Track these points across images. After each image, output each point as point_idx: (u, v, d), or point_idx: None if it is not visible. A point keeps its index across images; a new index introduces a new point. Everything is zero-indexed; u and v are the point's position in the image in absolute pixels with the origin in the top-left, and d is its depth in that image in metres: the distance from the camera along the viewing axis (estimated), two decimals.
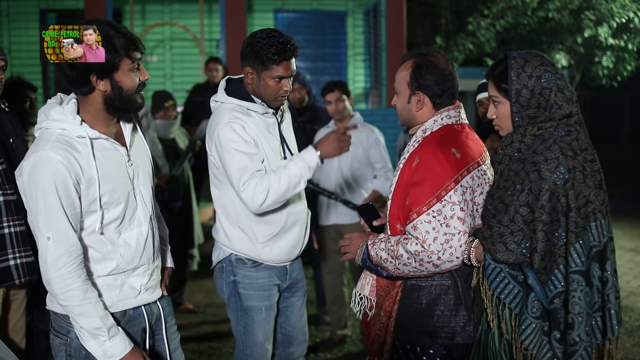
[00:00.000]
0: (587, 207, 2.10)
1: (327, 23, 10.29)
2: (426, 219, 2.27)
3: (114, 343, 2.14)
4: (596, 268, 2.12)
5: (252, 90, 2.88)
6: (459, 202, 2.27)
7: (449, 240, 2.26)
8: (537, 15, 11.04)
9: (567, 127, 2.17)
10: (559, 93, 2.18)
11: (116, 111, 2.22)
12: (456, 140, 2.38)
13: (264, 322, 2.97)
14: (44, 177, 2.04)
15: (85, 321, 2.10)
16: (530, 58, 2.22)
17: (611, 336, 2.16)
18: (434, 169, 2.30)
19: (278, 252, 2.94)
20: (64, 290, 2.08)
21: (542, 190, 2.09)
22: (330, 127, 4.99)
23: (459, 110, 2.48)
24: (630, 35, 10.64)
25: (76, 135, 2.12)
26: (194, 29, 9.31)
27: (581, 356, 2.09)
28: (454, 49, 12.37)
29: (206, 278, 6.33)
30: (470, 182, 2.32)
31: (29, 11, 9.34)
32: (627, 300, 6.17)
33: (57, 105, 2.16)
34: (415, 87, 2.46)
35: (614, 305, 2.14)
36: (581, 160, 2.12)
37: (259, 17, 9.98)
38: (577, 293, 2.08)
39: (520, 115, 2.21)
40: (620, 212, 12.04)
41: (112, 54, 2.11)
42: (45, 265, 2.08)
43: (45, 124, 2.13)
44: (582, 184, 2.10)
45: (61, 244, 2.07)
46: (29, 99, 3.91)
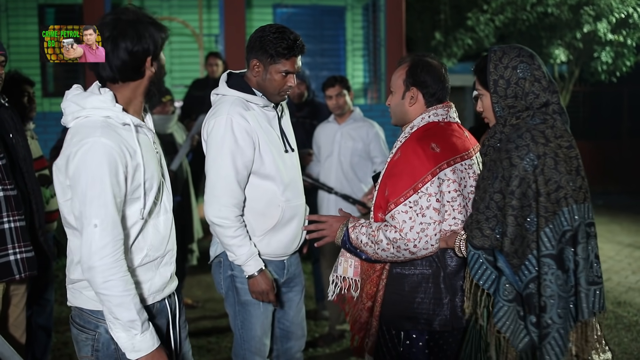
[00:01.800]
0: (559, 193, 2.15)
1: (326, 18, 10.28)
2: (403, 209, 2.43)
3: (144, 338, 2.13)
4: (570, 252, 2.16)
5: (255, 83, 2.89)
6: (435, 194, 2.42)
7: (425, 229, 2.41)
8: (536, 10, 11.02)
9: (544, 116, 2.24)
10: (536, 83, 2.24)
11: (151, 93, 2.27)
12: (438, 136, 2.51)
13: (262, 316, 2.98)
14: (98, 164, 2.04)
15: (123, 313, 2.09)
16: (508, 50, 2.30)
17: (581, 319, 2.18)
18: (412, 162, 2.46)
19: (276, 246, 2.95)
20: (106, 280, 2.06)
21: (512, 177, 2.16)
22: (330, 121, 4.99)
23: (447, 109, 2.62)
24: (630, 30, 10.62)
25: (121, 123, 2.14)
26: (192, 24, 9.30)
27: (553, 338, 2.12)
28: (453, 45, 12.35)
29: (205, 273, 6.34)
30: (451, 175, 2.45)
31: (27, 6, 9.33)
32: (625, 296, 6.19)
33: (94, 95, 2.15)
34: (410, 84, 2.62)
35: (584, 289, 2.16)
36: (554, 147, 2.17)
37: (258, 12, 9.97)
38: (548, 276, 2.12)
39: (499, 105, 2.28)
40: (618, 207, 12.06)
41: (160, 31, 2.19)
42: (89, 253, 2.06)
43: (85, 113, 2.12)
44: (553, 170, 2.15)
45: (108, 232, 2.06)
46: (27, 94, 3.90)
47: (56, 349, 4.68)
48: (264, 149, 2.83)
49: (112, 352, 2.22)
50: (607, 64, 11.09)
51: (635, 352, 4.69)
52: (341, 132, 4.88)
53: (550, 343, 2.14)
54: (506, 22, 11.44)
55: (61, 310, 5.53)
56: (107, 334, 2.20)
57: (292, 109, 5.64)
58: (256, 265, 2.85)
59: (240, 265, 2.86)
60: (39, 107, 8.77)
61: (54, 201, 3.83)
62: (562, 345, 2.14)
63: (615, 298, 6.08)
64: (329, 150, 4.90)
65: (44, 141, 8.43)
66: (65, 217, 2.21)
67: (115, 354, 2.22)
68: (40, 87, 9.01)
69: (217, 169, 2.78)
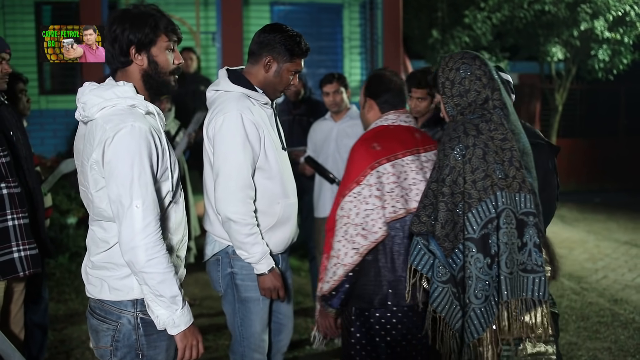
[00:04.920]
0: (485, 181, 2.28)
1: (323, 15, 10.26)
2: (349, 199, 2.79)
3: (183, 313, 2.21)
4: (495, 239, 2.27)
5: (261, 80, 2.92)
6: (375, 184, 2.76)
7: (370, 214, 2.74)
8: (533, 8, 11.01)
9: (482, 111, 2.41)
10: (477, 80, 2.44)
11: (152, 89, 2.32)
12: (381, 137, 2.88)
13: (261, 312, 3.00)
14: (137, 147, 2.12)
15: (167, 289, 2.15)
16: (453, 55, 2.52)
17: (500, 300, 2.29)
18: (356, 160, 2.84)
19: (275, 242, 2.96)
20: (150, 257, 2.12)
21: (444, 166, 2.36)
22: (326, 119, 4.99)
23: (398, 115, 2.95)
24: (626, 28, 10.62)
25: (144, 110, 2.23)
26: (189, 22, 9.28)
27: (470, 317, 2.27)
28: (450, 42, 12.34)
29: (202, 271, 6.30)
30: (390, 169, 2.78)
31: (24, 3, 9.30)
32: (622, 293, 6.20)
33: (116, 86, 2.23)
34: (366, 95, 3.03)
35: (504, 272, 2.26)
36: (485, 139, 2.33)
37: (255, 9, 9.95)
38: (468, 258, 2.27)
39: (449, 105, 2.49)
40: (615, 205, 12.08)
41: (151, 28, 2.24)
42: (132, 233, 2.11)
43: (112, 102, 2.18)
44: (481, 160, 2.30)
45: (150, 212, 2.13)
46: (23, 92, 3.89)
47: (52, 347, 4.67)
48: (268, 145, 2.86)
49: (132, 342, 2.27)
50: (604, 62, 11.10)
51: (632, 350, 4.70)
52: (337, 130, 4.88)
53: (467, 321, 2.28)
54: (503, 19, 11.43)
55: (57, 308, 5.53)
56: (129, 325, 2.26)
57: (289, 106, 5.65)
58: (268, 263, 2.88)
59: (253, 263, 2.87)
60: (36, 104, 8.77)
61: (48, 198, 3.83)
62: (479, 324, 2.26)
63: (612, 295, 6.10)
64: (325, 147, 4.90)
65: (40, 138, 8.44)
66: (98, 207, 2.24)
67: (136, 344, 2.26)
68: (37, 85, 8.99)
69: (232, 165, 2.77)
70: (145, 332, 2.28)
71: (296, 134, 5.45)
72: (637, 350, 4.70)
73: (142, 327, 2.27)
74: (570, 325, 5.24)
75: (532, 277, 2.30)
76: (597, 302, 5.88)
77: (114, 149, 2.12)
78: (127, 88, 2.22)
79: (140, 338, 2.27)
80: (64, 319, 5.33)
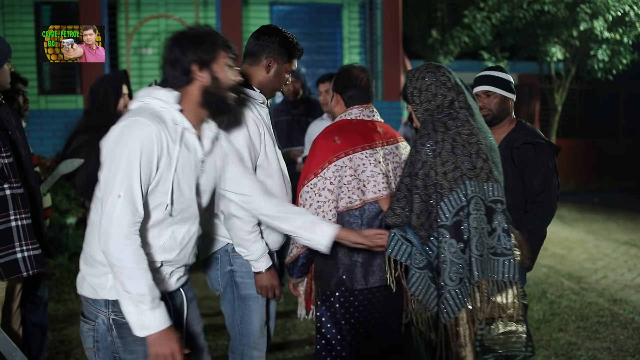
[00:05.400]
0: (455, 172, 2.45)
1: (322, 16, 10.26)
2: (306, 190, 2.97)
3: (154, 315, 2.13)
4: (466, 224, 2.43)
5: (260, 80, 2.96)
6: (330, 178, 2.93)
7: (322, 206, 2.92)
8: (532, 8, 11.03)
9: (449, 111, 2.60)
10: (442, 86, 2.63)
11: (210, 106, 2.34)
12: (342, 131, 3.02)
13: (260, 309, 3.01)
14: (133, 139, 2.14)
15: (133, 285, 2.11)
16: (420, 67, 2.72)
17: (472, 281, 2.44)
18: (316, 152, 3.01)
19: (272, 240, 2.99)
20: (120, 249, 2.10)
21: (416, 160, 2.52)
22: (323, 119, 5.00)
23: (362, 110, 3.09)
24: (626, 28, 10.64)
25: (171, 119, 2.25)
26: (189, 22, 9.26)
27: (445, 298, 2.41)
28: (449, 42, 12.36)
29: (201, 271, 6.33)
30: (348, 162, 2.94)
31: (23, 3, 9.30)
32: (621, 293, 6.20)
33: (162, 89, 2.28)
34: (333, 90, 3.19)
35: (474, 255, 2.41)
36: (452, 134, 2.51)
37: (254, 9, 9.96)
38: (442, 244, 2.43)
39: (419, 112, 2.67)
40: (615, 205, 12.09)
41: (211, 45, 2.29)
42: (109, 220, 2.11)
43: (147, 100, 2.26)
44: (450, 153, 2.47)
45: (129, 204, 2.13)
46: (21, 92, 3.88)
47: (52, 347, 4.67)
48: (268, 143, 2.91)
49: (108, 344, 2.24)
50: (604, 62, 11.11)
51: (631, 350, 4.70)
52: None
53: (443, 302, 2.42)
54: (503, 19, 11.45)
55: (57, 309, 5.53)
56: (103, 325, 2.24)
57: (287, 106, 5.66)
58: (267, 262, 2.90)
59: (251, 261, 2.89)
60: (35, 104, 8.76)
61: (47, 198, 3.82)
62: (454, 305, 2.41)
63: (612, 295, 6.10)
64: None
65: (39, 138, 8.44)
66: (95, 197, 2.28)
67: (112, 346, 2.24)
68: (36, 85, 8.99)
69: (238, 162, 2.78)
70: (119, 335, 2.25)
71: (294, 134, 5.46)
72: (636, 350, 4.70)
73: (115, 329, 2.26)
74: (569, 325, 5.24)
75: (502, 260, 2.45)
76: (596, 302, 5.88)
77: (113, 137, 2.17)
78: (169, 93, 2.27)
79: (115, 340, 2.25)
80: (64, 319, 5.33)
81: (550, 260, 7.60)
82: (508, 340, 2.52)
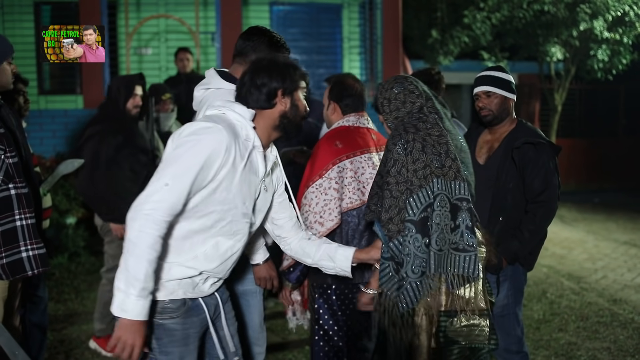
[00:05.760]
0: (425, 170, 2.57)
1: (322, 16, 10.27)
2: (312, 190, 3.14)
3: (137, 303, 2.13)
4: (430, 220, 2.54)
5: None
6: (334, 178, 3.13)
7: (328, 204, 3.11)
8: (532, 8, 11.02)
9: (419, 115, 2.73)
10: (410, 94, 2.75)
11: (283, 131, 2.46)
12: (343, 136, 3.23)
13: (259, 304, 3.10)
14: (206, 142, 2.20)
15: (134, 266, 2.12)
16: (389, 79, 2.86)
17: (428, 273, 2.54)
18: (320, 155, 3.19)
19: None
20: (141, 229, 2.12)
21: (388, 159, 2.64)
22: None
23: (358, 117, 3.32)
24: (626, 28, 10.63)
25: (245, 134, 2.34)
26: (189, 22, 9.28)
27: (406, 289, 2.53)
28: (449, 42, 12.35)
29: None
30: (349, 165, 3.15)
31: (23, 3, 9.30)
32: (621, 293, 6.20)
33: (241, 105, 2.39)
34: (330, 98, 3.36)
35: (434, 248, 2.52)
36: (422, 135, 2.63)
37: (254, 9, 9.96)
38: (407, 238, 2.53)
39: (389, 120, 2.80)
40: (614, 205, 12.09)
41: (294, 73, 2.44)
42: (145, 200, 2.15)
43: (225, 110, 2.35)
44: (420, 152, 2.59)
45: (172, 196, 2.16)
46: (22, 93, 3.89)
47: (52, 347, 4.67)
48: None
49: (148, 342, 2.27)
50: (604, 62, 11.11)
51: (631, 350, 4.70)
52: None
53: (403, 293, 2.54)
54: (502, 19, 11.44)
55: (57, 309, 5.53)
56: None
57: None
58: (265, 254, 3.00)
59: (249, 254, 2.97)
60: (35, 104, 8.76)
61: (47, 199, 3.83)
62: (413, 296, 2.54)
63: (611, 295, 6.10)
64: None
65: (39, 138, 8.43)
66: None
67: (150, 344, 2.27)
68: (36, 85, 8.99)
69: None
70: (155, 335, 2.29)
71: None
72: (636, 350, 4.70)
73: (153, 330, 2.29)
74: (569, 325, 5.24)
75: (462, 256, 2.56)
76: (596, 302, 5.89)
77: (188, 132, 2.24)
78: (246, 111, 2.37)
79: (152, 340, 2.28)
80: (63, 319, 5.33)
81: (550, 260, 7.60)
82: (471, 333, 2.63)
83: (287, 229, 2.72)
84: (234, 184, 2.29)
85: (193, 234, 2.29)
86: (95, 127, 4.47)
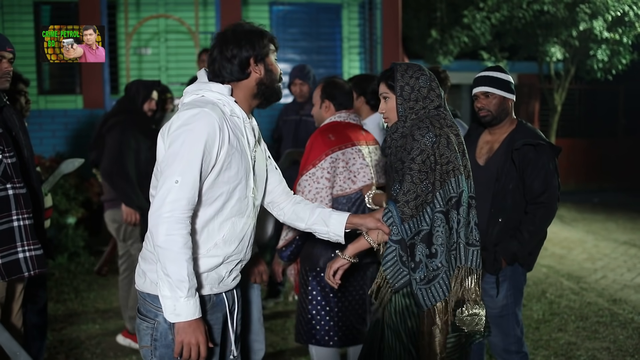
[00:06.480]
0: (448, 166, 2.66)
1: (322, 16, 10.26)
2: (305, 178, 3.42)
3: (187, 303, 2.15)
4: (455, 214, 2.66)
5: None
6: (327, 168, 3.40)
7: (319, 192, 3.38)
8: (532, 8, 11.03)
9: (437, 111, 2.79)
10: (432, 91, 2.79)
11: (262, 97, 2.46)
12: (335, 129, 3.52)
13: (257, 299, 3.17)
14: (199, 127, 2.20)
15: (174, 269, 2.13)
16: (411, 65, 2.85)
17: (459, 264, 2.67)
18: (314, 146, 3.46)
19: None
20: (169, 233, 2.13)
21: (414, 148, 2.67)
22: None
23: (348, 114, 3.62)
24: (625, 28, 10.64)
25: (230, 110, 2.34)
26: (188, 22, 9.28)
27: (442, 278, 2.61)
28: (449, 42, 12.36)
29: None
30: (341, 156, 3.43)
31: (22, 3, 9.29)
32: (620, 293, 6.21)
33: (216, 83, 2.38)
34: (322, 97, 3.62)
35: (462, 240, 2.66)
36: (446, 132, 2.71)
37: (254, 9, 9.96)
38: (439, 228, 2.62)
39: (403, 106, 2.79)
40: (614, 205, 12.09)
41: (262, 39, 2.40)
42: (162, 203, 2.15)
43: (202, 92, 2.34)
44: (446, 148, 2.67)
45: (185, 191, 2.16)
46: (23, 93, 3.88)
47: (52, 347, 4.68)
48: None
49: (169, 342, 2.27)
50: (603, 62, 11.11)
51: (631, 350, 4.70)
52: None
53: (439, 283, 2.61)
54: (502, 19, 11.45)
55: (57, 309, 5.53)
56: (165, 324, 2.26)
57: (296, 106, 5.71)
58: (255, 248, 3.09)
59: None
60: (35, 104, 8.75)
61: (48, 199, 3.83)
62: (446, 285, 2.63)
63: (611, 295, 6.11)
64: None
65: (39, 138, 8.43)
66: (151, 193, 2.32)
67: (173, 344, 2.25)
68: (35, 85, 8.98)
69: None
70: None
71: (301, 134, 5.48)
72: (635, 350, 4.70)
73: None
74: (569, 325, 5.24)
75: (471, 250, 2.70)
76: (596, 302, 5.89)
77: (178, 124, 2.22)
78: (223, 87, 2.36)
79: None
80: (63, 319, 5.33)
81: (549, 260, 7.61)
82: (473, 322, 2.72)
83: (278, 193, 2.73)
84: (234, 161, 2.30)
85: (208, 222, 2.31)
86: (119, 117, 4.74)
